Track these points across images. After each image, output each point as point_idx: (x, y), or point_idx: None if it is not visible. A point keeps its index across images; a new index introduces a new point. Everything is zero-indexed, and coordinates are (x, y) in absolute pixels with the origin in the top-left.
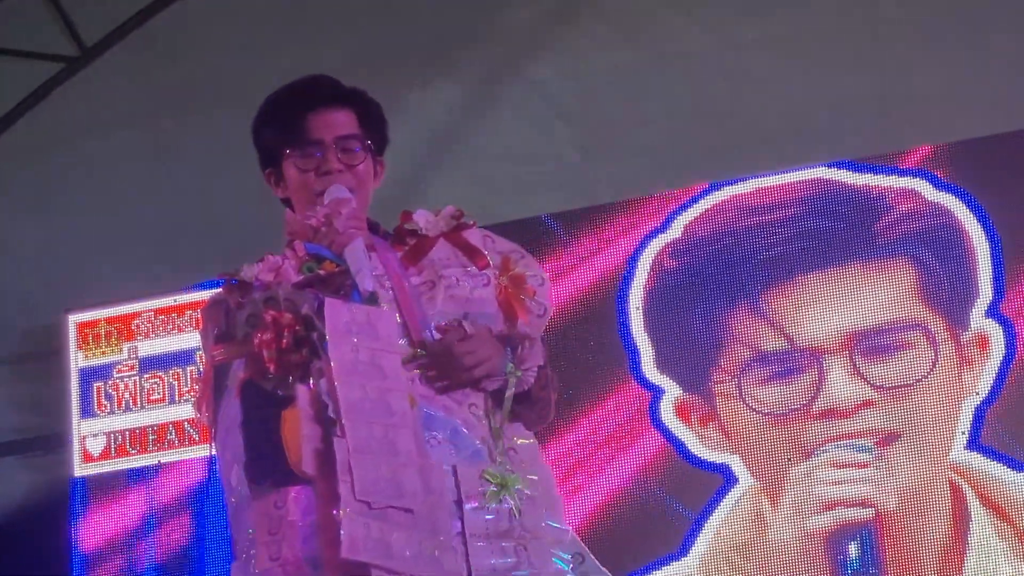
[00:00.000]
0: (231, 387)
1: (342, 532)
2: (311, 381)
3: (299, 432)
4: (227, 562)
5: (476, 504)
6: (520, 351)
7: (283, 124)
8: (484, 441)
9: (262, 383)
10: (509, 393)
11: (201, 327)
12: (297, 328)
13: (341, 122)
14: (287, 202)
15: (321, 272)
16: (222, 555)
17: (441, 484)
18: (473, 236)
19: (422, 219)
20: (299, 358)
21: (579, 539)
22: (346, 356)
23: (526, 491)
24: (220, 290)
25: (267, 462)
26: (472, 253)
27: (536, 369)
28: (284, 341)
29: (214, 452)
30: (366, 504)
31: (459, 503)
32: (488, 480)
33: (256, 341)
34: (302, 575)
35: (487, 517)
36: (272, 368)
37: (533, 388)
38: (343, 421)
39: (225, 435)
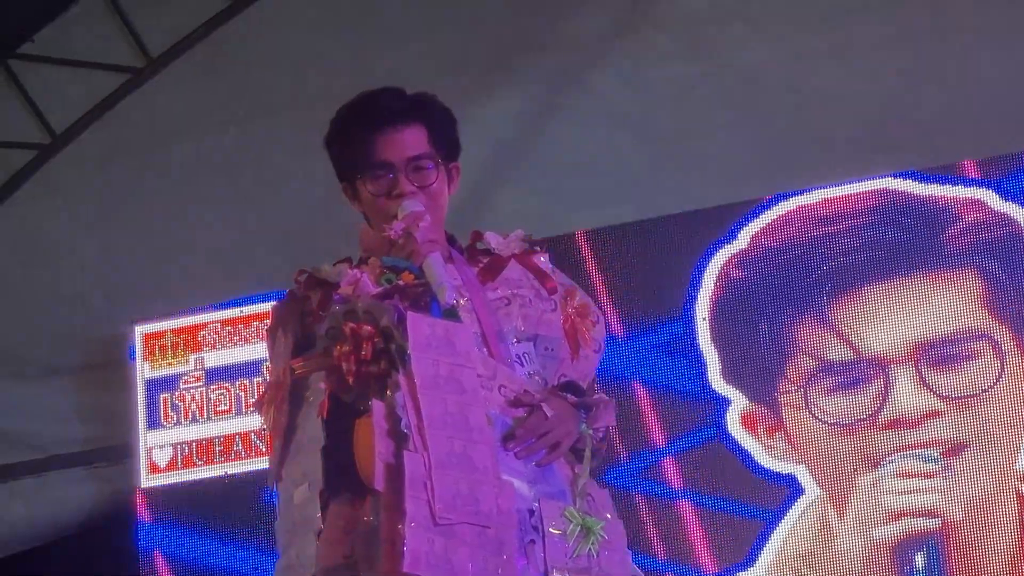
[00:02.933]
0: (312, 401)
1: (405, 546)
2: (388, 393)
3: (371, 447)
4: None
5: (558, 539)
6: (595, 411)
7: (352, 146)
8: (568, 483)
9: (343, 396)
10: (587, 454)
11: (270, 325)
12: (376, 340)
13: (410, 141)
14: (366, 216)
15: (400, 283)
16: None
17: (511, 502)
18: (543, 262)
19: (493, 240)
20: (378, 370)
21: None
22: (428, 371)
23: (603, 535)
24: (296, 286)
25: (345, 476)
26: (542, 277)
27: (604, 429)
28: (364, 353)
29: (278, 466)
30: (432, 519)
31: (540, 532)
32: (568, 519)
33: (336, 354)
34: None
35: (568, 553)
36: (351, 381)
37: (599, 444)
38: (427, 436)
39: (298, 452)
